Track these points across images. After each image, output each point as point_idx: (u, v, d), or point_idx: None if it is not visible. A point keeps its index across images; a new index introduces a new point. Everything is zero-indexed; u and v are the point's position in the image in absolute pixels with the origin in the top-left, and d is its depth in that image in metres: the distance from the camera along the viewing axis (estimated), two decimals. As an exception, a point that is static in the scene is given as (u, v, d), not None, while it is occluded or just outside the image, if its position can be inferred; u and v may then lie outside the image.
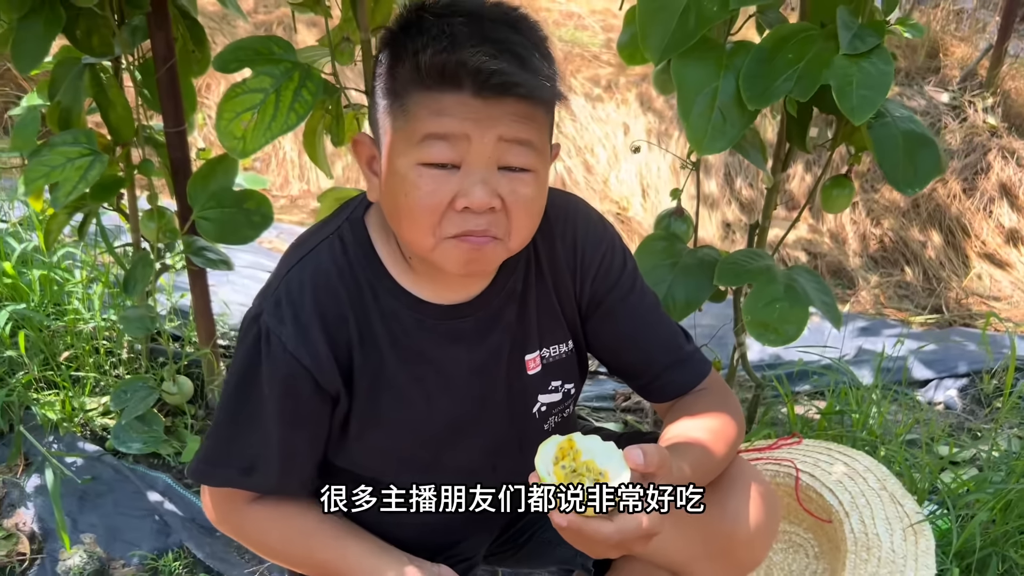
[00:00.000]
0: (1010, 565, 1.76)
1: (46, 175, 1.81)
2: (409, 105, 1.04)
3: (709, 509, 1.24)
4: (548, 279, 1.25)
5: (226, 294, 2.70)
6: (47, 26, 1.75)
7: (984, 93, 4.36)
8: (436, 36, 1.01)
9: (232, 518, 1.27)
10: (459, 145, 1.03)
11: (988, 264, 3.93)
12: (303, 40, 4.29)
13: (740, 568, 1.34)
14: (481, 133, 1.02)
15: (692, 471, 1.11)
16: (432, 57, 1.00)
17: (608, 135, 4.23)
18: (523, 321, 1.25)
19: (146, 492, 2.09)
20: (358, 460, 1.27)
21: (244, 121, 1.62)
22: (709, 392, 1.31)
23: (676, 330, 1.33)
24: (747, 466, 1.31)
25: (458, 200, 1.04)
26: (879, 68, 1.38)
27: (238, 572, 1.93)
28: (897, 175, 1.50)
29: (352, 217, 1.20)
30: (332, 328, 1.15)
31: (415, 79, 1.02)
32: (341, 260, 1.17)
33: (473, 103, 1.01)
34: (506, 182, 1.05)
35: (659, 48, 1.44)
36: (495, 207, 1.06)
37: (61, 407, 2.24)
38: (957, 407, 2.56)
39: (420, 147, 1.03)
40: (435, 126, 1.02)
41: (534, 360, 1.27)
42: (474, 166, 1.04)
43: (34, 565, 1.97)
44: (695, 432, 1.20)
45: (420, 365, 1.21)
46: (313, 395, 1.17)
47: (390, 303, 1.18)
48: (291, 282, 1.16)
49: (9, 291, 2.44)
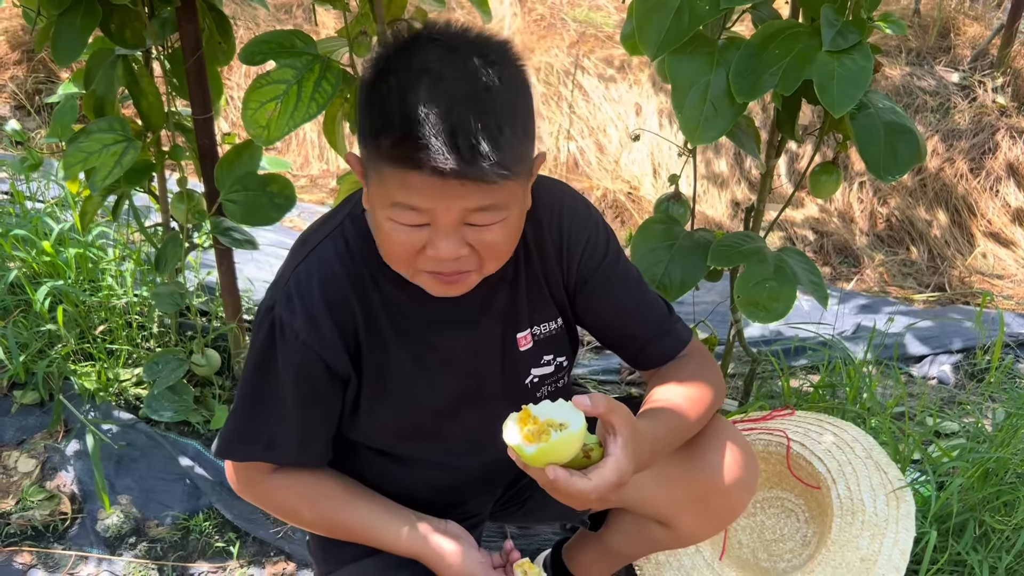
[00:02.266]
0: (986, 529, 1.86)
1: (84, 160, 1.93)
2: (381, 167, 1.09)
3: (690, 462, 1.39)
4: (536, 263, 1.34)
5: (250, 271, 2.82)
6: (84, 21, 1.85)
7: (995, 73, 4.39)
8: (394, 120, 1.05)
9: (255, 488, 1.38)
10: (426, 212, 1.10)
11: (993, 243, 3.98)
12: (322, 20, 4.38)
13: (721, 516, 1.47)
14: (446, 206, 1.08)
15: (664, 432, 1.25)
16: (392, 147, 1.05)
17: (620, 115, 4.30)
18: (514, 303, 1.35)
19: (177, 457, 2.23)
20: (368, 433, 1.38)
21: (268, 111, 1.73)
22: (690, 359, 1.42)
23: (659, 303, 1.44)
24: (727, 425, 1.44)
25: (428, 250, 1.13)
26: (859, 64, 1.47)
27: (264, 531, 2.07)
28: (878, 163, 1.59)
29: (353, 214, 1.29)
30: (339, 317, 1.26)
31: (384, 152, 1.07)
32: (344, 255, 1.27)
33: (435, 182, 1.05)
34: (473, 233, 1.13)
35: (655, 45, 1.53)
36: (463, 254, 1.14)
37: (97, 378, 2.37)
38: (950, 382, 2.65)
39: (391, 208, 1.11)
40: (402, 197, 1.09)
41: (525, 338, 1.38)
42: (440, 227, 1.11)
43: (75, 524, 2.11)
44: (672, 398, 1.32)
45: (421, 348, 1.32)
46: (325, 378, 1.28)
47: (391, 292, 1.28)
48: (299, 276, 1.26)
49: (48, 268, 2.57)
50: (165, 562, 2.03)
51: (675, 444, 1.32)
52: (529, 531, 2.10)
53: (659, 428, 1.24)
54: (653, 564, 1.84)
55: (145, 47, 2.06)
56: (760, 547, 1.95)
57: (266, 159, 2.24)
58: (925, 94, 4.32)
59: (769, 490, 2.00)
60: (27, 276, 2.55)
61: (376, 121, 1.08)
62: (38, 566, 2.01)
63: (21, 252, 2.61)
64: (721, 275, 2.02)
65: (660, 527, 1.52)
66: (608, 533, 1.66)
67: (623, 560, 1.74)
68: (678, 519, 1.47)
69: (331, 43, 1.96)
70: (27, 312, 2.51)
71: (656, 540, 1.56)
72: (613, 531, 1.65)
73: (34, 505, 2.12)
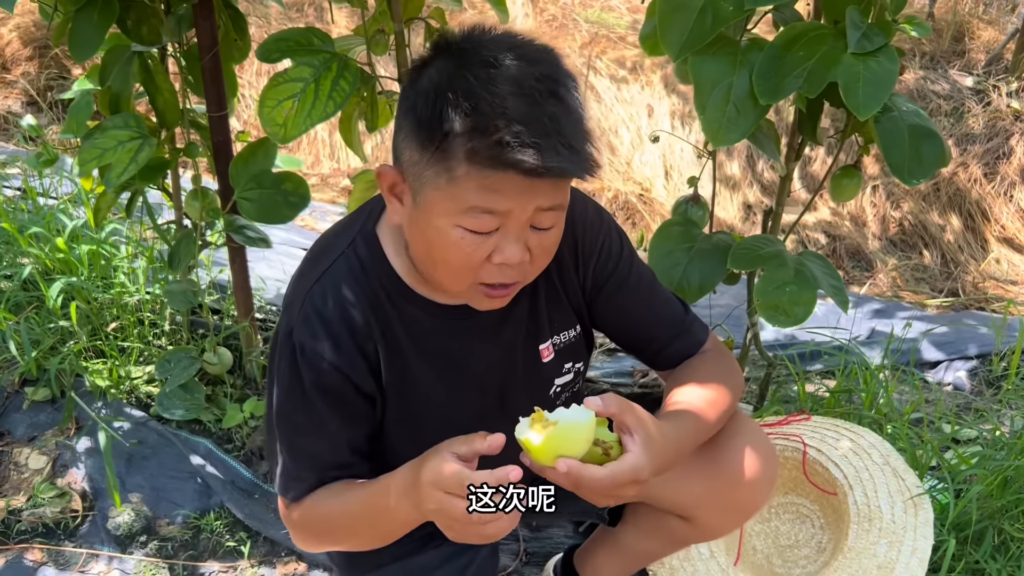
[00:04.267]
0: (1005, 537, 1.84)
1: (99, 157, 1.92)
2: (455, 171, 1.06)
3: (712, 456, 1.38)
4: (553, 271, 1.33)
5: (262, 270, 2.82)
6: (102, 17, 1.84)
7: (1009, 77, 4.37)
8: (480, 122, 1.02)
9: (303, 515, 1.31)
10: (502, 215, 1.09)
11: (1007, 248, 3.96)
12: (335, 19, 4.37)
13: (741, 511, 1.47)
14: (523, 207, 1.08)
15: (687, 435, 1.24)
16: (484, 148, 1.02)
17: (632, 117, 4.29)
18: (534, 314, 1.34)
19: (189, 456, 2.22)
20: (393, 449, 1.35)
21: (285, 109, 1.71)
22: (707, 357, 1.41)
23: (674, 303, 1.43)
24: (748, 422, 1.44)
25: (495, 256, 1.12)
26: (885, 67, 1.46)
27: (275, 531, 2.06)
28: (903, 167, 1.57)
29: (364, 231, 1.27)
30: (359, 337, 1.24)
31: (462, 155, 1.04)
32: (359, 273, 1.25)
33: (520, 182, 1.04)
34: (535, 236, 1.13)
35: (677, 45, 1.51)
36: (526, 260, 1.14)
37: (109, 375, 2.37)
38: (966, 388, 2.63)
39: (465, 214, 1.08)
40: (482, 201, 1.07)
41: (547, 349, 1.37)
42: (511, 230, 1.10)
43: (86, 522, 2.10)
44: (692, 400, 1.31)
45: (441, 363, 1.31)
46: (356, 396, 1.27)
47: (407, 308, 1.26)
48: (315, 298, 1.24)
49: (61, 265, 2.57)
50: (176, 561, 2.02)
51: (697, 444, 1.31)
52: (541, 534, 2.09)
53: (681, 431, 1.23)
54: (667, 569, 1.82)
55: (161, 44, 2.05)
56: (775, 553, 1.93)
57: (280, 157, 2.23)
58: (939, 98, 4.31)
59: (784, 495, 1.99)
60: (40, 272, 2.54)
61: (456, 123, 1.04)
62: (49, 563, 2.00)
63: (34, 248, 2.60)
64: (738, 278, 2.01)
65: (680, 521, 1.51)
66: (624, 530, 1.65)
67: (638, 560, 1.73)
68: (699, 513, 1.47)
69: (348, 41, 1.95)
70: (40, 308, 2.50)
71: (676, 535, 1.56)
72: (630, 528, 1.64)
73: (45, 502, 2.11)
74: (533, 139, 1.01)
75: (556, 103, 1.05)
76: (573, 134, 1.05)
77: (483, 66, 1.05)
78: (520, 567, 2.01)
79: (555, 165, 1.02)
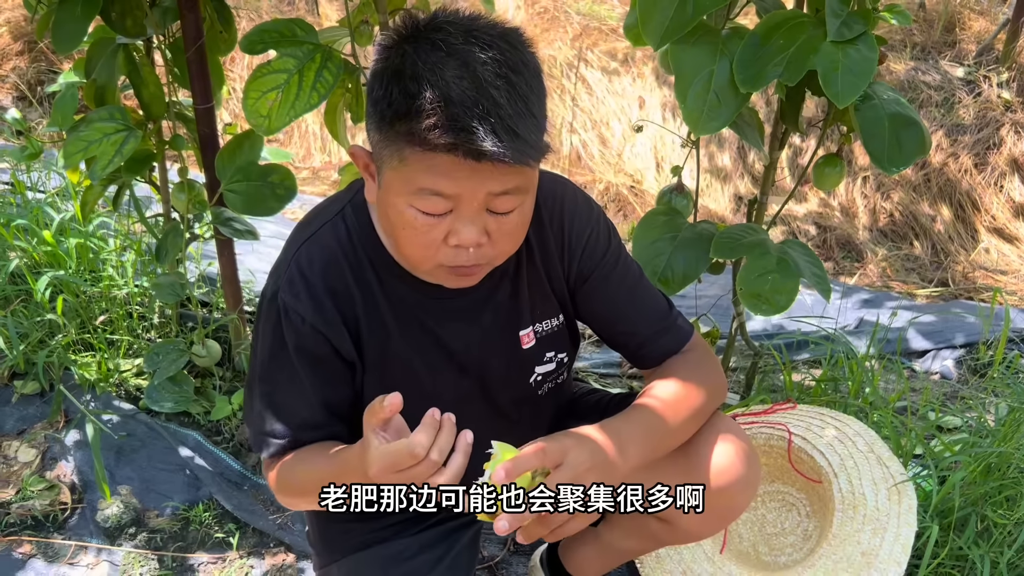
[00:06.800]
0: (988, 523, 1.85)
1: (84, 149, 1.92)
2: (405, 153, 1.07)
3: (688, 461, 1.35)
4: (538, 260, 1.33)
5: (251, 262, 2.82)
6: (85, 9, 1.84)
7: (1000, 68, 4.37)
8: (424, 104, 1.03)
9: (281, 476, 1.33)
10: (452, 198, 1.09)
11: (997, 238, 3.98)
12: (324, 11, 4.37)
13: (721, 516, 1.44)
14: (472, 190, 1.08)
15: (642, 432, 1.24)
16: (424, 131, 1.03)
17: (624, 109, 4.29)
18: (515, 299, 1.34)
19: (178, 448, 2.22)
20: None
21: (269, 100, 1.72)
22: (689, 357, 1.40)
23: (659, 300, 1.42)
24: (727, 423, 1.41)
25: (450, 238, 1.12)
26: (864, 55, 1.46)
27: (263, 522, 2.06)
28: (882, 155, 1.57)
29: (355, 201, 1.28)
30: (341, 302, 1.25)
31: (409, 139, 1.05)
32: (345, 240, 1.26)
33: (464, 165, 1.04)
34: (493, 220, 1.13)
35: (658, 34, 1.52)
36: (483, 243, 1.14)
37: (97, 368, 2.37)
38: (952, 376, 2.64)
39: (416, 195, 1.09)
40: (430, 183, 1.07)
41: (528, 335, 1.37)
42: (464, 212, 1.10)
43: (75, 514, 2.10)
44: (658, 395, 1.30)
45: (422, 339, 1.31)
46: (335, 359, 1.28)
47: (391, 281, 1.27)
48: (300, 260, 1.25)
49: (49, 258, 2.57)
50: (165, 552, 2.02)
51: (664, 443, 1.29)
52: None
53: (641, 424, 1.23)
54: (653, 557, 1.83)
55: (146, 36, 2.05)
56: (761, 541, 1.94)
57: (267, 150, 2.23)
58: (930, 89, 4.31)
59: (770, 484, 1.99)
60: (28, 266, 2.54)
61: (401, 105, 1.05)
62: (38, 556, 2.00)
63: (22, 242, 2.60)
64: (724, 268, 2.01)
65: (661, 524, 1.50)
66: (606, 529, 1.65)
67: (621, 557, 1.73)
68: (678, 517, 1.43)
69: (333, 32, 1.95)
70: (28, 302, 2.51)
71: (657, 536, 1.55)
72: (612, 527, 1.64)
73: (34, 495, 2.11)
74: (472, 123, 1.01)
75: (505, 87, 1.04)
76: (516, 119, 1.04)
77: (435, 50, 1.05)
78: (508, 556, 2.02)
79: (491, 149, 1.02)
